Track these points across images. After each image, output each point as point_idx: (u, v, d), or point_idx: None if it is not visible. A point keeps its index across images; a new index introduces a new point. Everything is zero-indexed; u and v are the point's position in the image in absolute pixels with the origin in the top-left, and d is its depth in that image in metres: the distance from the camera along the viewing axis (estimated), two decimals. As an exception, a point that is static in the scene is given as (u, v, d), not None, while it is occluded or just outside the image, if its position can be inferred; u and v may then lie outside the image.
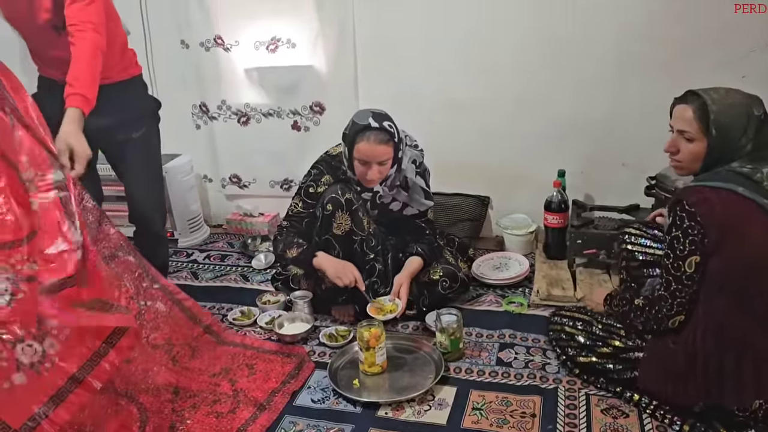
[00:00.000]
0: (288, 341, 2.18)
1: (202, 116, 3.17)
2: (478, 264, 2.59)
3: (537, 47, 2.62)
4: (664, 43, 2.46)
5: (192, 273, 2.82)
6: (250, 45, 2.95)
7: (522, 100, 2.71)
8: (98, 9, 1.91)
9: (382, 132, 2.07)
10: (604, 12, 2.50)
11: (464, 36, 2.69)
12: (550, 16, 2.57)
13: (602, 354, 1.79)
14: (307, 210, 2.27)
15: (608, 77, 2.58)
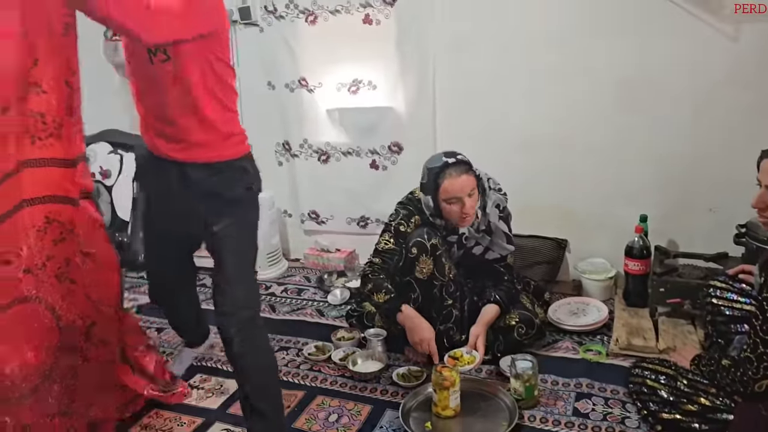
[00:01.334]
0: (361, 379, 2.20)
1: (284, 154, 3.29)
2: (555, 309, 2.54)
3: (615, 89, 2.60)
4: (749, 87, 2.38)
5: (270, 306, 2.91)
6: (333, 86, 3.06)
7: (600, 142, 2.68)
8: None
9: (460, 164, 2.12)
10: (683, 54, 2.45)
11: (541, 79, 2.70)
12: (626, 57, 2.54)
13: (687, 412, 1.71)
14: (398, 247, 2.30)
15: (689, 120, 2.52)
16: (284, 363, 2.37)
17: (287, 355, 2.43)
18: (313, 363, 2.35)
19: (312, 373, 2.29)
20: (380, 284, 2.29)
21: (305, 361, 2.37)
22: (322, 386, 2.20)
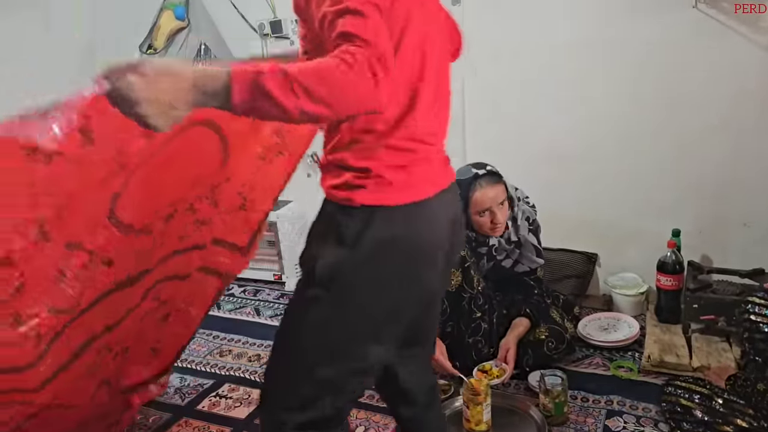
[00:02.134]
0: (388, 392, 2.19)
1: (313, 165, 3.31)
2: (585, 324, 2.50)
3: (644, 102, 2.56)
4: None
5: (297, 316, 2.91)
6: (362, 99, 3.08)
7: (632, 154, 2.64)
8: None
9: (489, 175, 2.12)
10: (716, 64, 2.41)
11: (571, 89, 2.68)
12: (659, 68, 2.51)
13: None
14: None
15: (723, 132, 2.47)
16: (311, 374, 2.37)
17: (314, 366, 2.43)
18: (340, 374, 2.35)
19: (339, 384, 2.29)
20: None
21: (332, 373, 2.37)
22: (349, 398, 2.20)
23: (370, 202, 1.15)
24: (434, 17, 1.28)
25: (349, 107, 0.98)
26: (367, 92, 0.96)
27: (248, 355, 2.57)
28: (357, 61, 0.95)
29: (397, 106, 1.16)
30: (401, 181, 1.17)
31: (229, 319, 2.94)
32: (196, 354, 2.60)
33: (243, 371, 2.43)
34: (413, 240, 1.19)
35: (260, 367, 2.44)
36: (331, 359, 1.21)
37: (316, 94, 0.94)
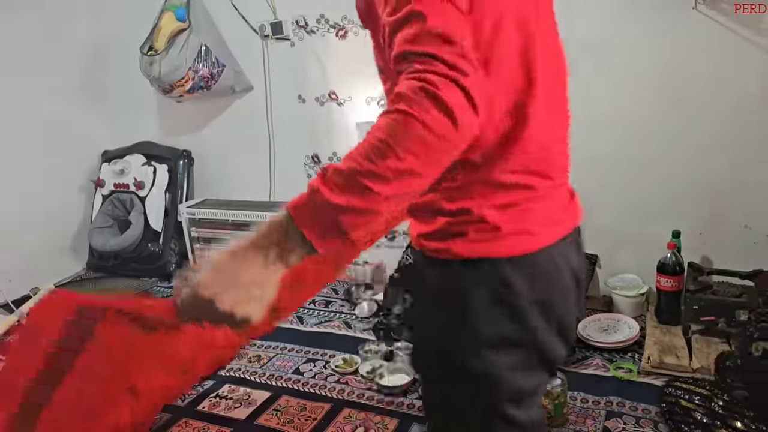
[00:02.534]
0: (388, 392, 2.20)
1: (314, 167, 3.32)
2: (584, 325, 2.51)
3: (644, 103, 2.56)
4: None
5: (298, 317, 2.92)
6: (362, 100, 3.09)
7: (631, 156, 2.64)
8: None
9: None
10: (717, 67, 2.41)
11: (571, 93, 2.67)
12: (660, 72, 2.51)
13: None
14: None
15: (723, 134, 2.47)
16: (311, 375, 2.38)
17: (314, 367, 2.44)
18: (341, 375, 2.36)
19: (339, 385, 2.30)
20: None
21: (332, 374, 2.38)
22: (349, 399, 2.20)
23: (471, 255, 0.90)
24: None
25: (434, 166, 0.76)
26: (446, 136, 0.73)
27: (248, 356, 2.57)
28: (417, 99, 0.72)
29: (495, 129, 0.88)
30: (511, 225, 0.91)
31: (230, 320, 2.94)
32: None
33: (243, 372, 2.43)
34: (529, 302, 0.92)
35: (260, 368, 2.45)
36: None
37: (384, 175, 0.73)
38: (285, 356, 2.55)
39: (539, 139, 0.92)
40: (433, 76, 0.73)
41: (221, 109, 3.50)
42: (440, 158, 0.76)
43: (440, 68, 0.73)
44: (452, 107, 0.72)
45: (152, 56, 3.18)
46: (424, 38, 0.75)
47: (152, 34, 3.23)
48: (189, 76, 3.18)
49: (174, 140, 3.66)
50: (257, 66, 3.28)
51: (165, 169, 3.57)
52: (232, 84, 3.31)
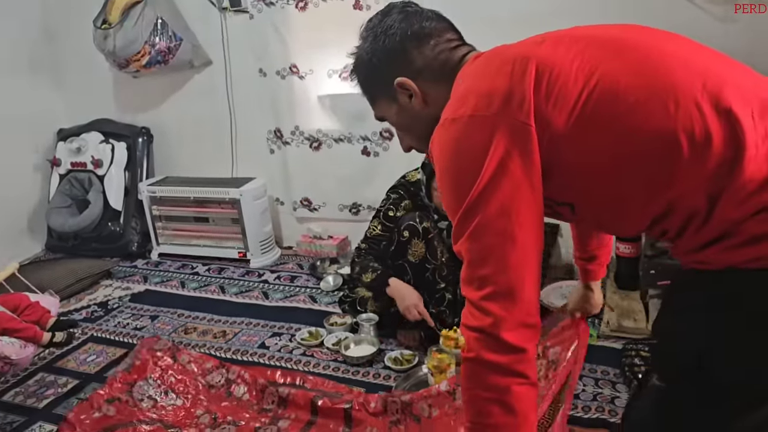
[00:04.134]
0: (353, 363, 2.21)
1: (276, 141, 3.28)
2: (547, 292, 2.55)
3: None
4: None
5: (263, 293, 2.91)
6: (324, 73, 3.05)
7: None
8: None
9: None
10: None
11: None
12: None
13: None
14: (385, 233, 2.33)
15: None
16: (277, 349, 2.38)
17: (280, 341, 2.43)
18: (306, 348, 2.36)
19: (305, 358, 2.30)
20: (366, 264, 2.32)
21: (298, 347, 2.38)
22: (315, 370, 2.21)
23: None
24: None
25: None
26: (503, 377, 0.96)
27: (213, 332, 2.55)
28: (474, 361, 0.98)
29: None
30: None
31: (194, 297, 2.92)
32: (161, 332, 2.57)
33: (208, 348, 2.41)
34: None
35: (225, 344, 2.44)
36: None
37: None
38: (250, 331, 2.54)
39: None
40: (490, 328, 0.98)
41: (180, 84, 3.42)
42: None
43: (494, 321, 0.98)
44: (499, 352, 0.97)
45: (106, 30, 3.10)
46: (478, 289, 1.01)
47: (105, 7, 3.14)
48: (145, 50, 3.10)
49: (132, 117, 3.58)
50: (216, 39, 3.21)
51: (124, 147, 3.50)
52: (191, 58, 3.24)
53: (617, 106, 0.91)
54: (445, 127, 1.00)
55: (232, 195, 3.16)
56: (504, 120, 0.93)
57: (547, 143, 0.94)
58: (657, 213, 0.95)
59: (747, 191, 0.86)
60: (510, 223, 0.95)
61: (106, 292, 3.04)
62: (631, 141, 0.91)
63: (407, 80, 1.10)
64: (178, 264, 3.35)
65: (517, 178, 0.94)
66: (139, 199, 3.44)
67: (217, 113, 3.35)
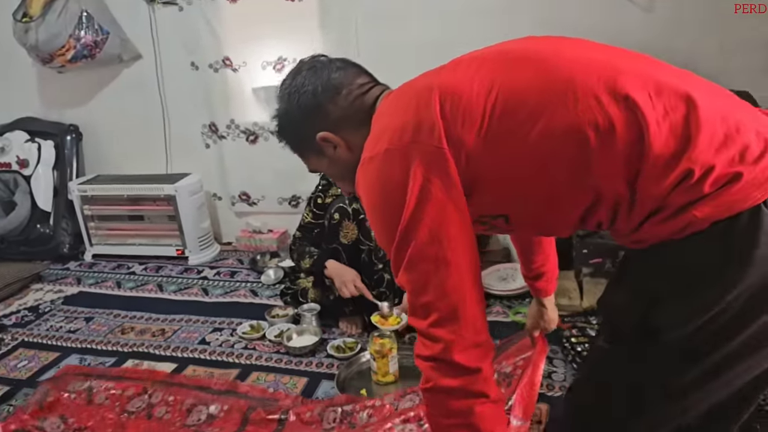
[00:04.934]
0: (296, 353, 2.20)
1: (211, 135, 3.23)
2: (485, 275, 2.60)
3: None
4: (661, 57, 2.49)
5: (202, 289, 2.86)
6: (258, 65, 3.02)
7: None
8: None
9: None
10: (596, 23, 2.54)
11: (467, 48, 2.72)
12: (545, 26, 2.60)
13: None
14: (316, 220, 2.33)
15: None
16: (218, 344, 2.34)
17: (221, 336, 2.40)
18: (248, 341, 2.34)
19: (247, 351, 2.28)
20: (303, 251, 2.34)
21: (240, 341, 2.35)
22: (257, 363, 2.19)
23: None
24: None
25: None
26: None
27: (152, 330, 2.49)
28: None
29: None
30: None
31: (130, 297, 2.84)
32: (96, 334, 2.49)
33: (147, 347, 2.35)
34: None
35: (164, 341, 2.38)
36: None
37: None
38: (190, 328, 2.50)
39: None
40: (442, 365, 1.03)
41: (109, 79, 3.32)
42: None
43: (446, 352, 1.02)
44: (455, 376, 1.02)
45: (27, 23, 2.97)
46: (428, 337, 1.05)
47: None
48: (70, 44, 3.00)
49: (59, 114, 3.45)
50: (145, 33, 3.13)
51: (51, 146, 3.37)
52: (119, 52, 3.15)
53: (520, 113, 0.95)
54: (365, 166, 1.04)
55: (167, 191, 3.09)
56: (418, 148, 0.97)
57: (466, 162, 0.98)
58: (586, 205, 0.98)
59: (660, 167, 0.90)
60: (441, 248, 0.98)
61: (36, 296, 2.92)
62: (542, 143, 0.95)
63: (328, 134, 1.15)
64: (114, 264, 3.25)
65: (441, 202, 0.97)
66: (69, 200, 3.33)
67: (149, 108, 3.27)
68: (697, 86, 0.96)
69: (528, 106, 0.95)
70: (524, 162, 0.97)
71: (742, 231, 0.88)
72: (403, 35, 2.79)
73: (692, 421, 1.01)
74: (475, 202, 1.02)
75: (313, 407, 1.82)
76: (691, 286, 0.92)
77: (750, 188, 0.88)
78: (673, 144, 0.90)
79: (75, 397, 1.97)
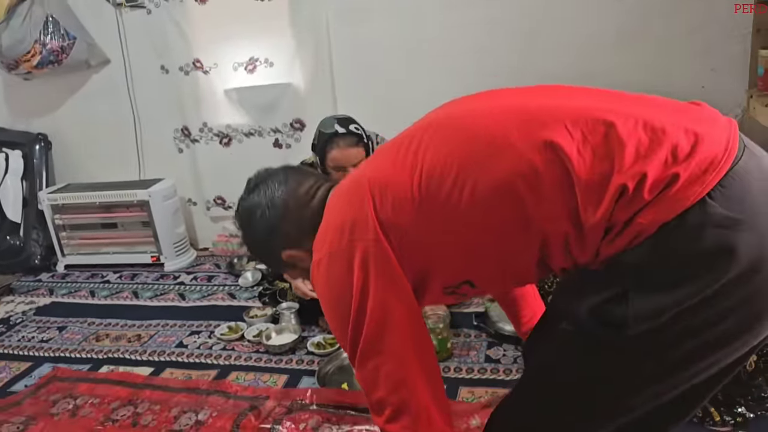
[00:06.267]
0: (276, 352, 2.17)
1: (184, 140, 3.19)
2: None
3: (506, 53, 2.67)
4: (636, 43, 2.52)
5: (179, 294, 2.80)
6: (229, 66, 2.99)
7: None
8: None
9: (350, 136, 2.08)
10: (568, 9, 2.56)
11: (439, 48, 2.73)
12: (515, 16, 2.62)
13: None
14: None
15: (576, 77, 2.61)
16: (196, 346, 2.29)
17: (198, 339, 2.35)
18: (226, 343, 2.29)
19: (225, 352, 2.23)
20: None
21: (218, 342, 2.31)
22: (237, 363, 2.15)
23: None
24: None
25: None
26: None
27: (127, 336, 2.43)
28: None
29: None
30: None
31: (105, 306, 2.78)
32: (70, 342, 2.43)
33: (122, 352, 2.30)
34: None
35: (140, 346, 2.33)
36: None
37: None
38: (167, 332, 2.44)
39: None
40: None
41: (77, 85, 3.27)
42: None
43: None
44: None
45: (-9, 27, 2.91)
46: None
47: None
48: (35, 49, 2.95)
49: (26, 123, 3.38)
50: (112, 37, 3.08)
51: (19, 155, 3.30)
52: (87, 57, 3.10)
53: (445, 184, 0.97)
54: (315, 269, 1.07)
55: (141, 197, 3.03)
56: (356, 246, 1.00)
57: (409, 243, 1.00)
58: (537, 250, 0.97)
59: (594, 191, 0.90)
60: (387, 343, 1.01)
61: (7, 308, 2.84)
62: (475, 205, 0.96)
63: (291, 252, 1.19)
64: (87, 274, 3.18)
65: (380, 297, 1.00)
66: (39, 210, 3.25)
67: (120, 114, 3.22)
68: (619, 102, 0.97)
69: (452, 174, 0.96)
70: (463, 228, 0.98)
71: (690, 228, 0.87)
72: (374, 31, 2.78)
73: (640, 416, 1.00)
74: (434, 277, 1.04)
75: (308, 419, 1.76)
76: (650, 287, 0.91)
77: (689, 185, 0.87)
78: (599, 166, 0.90)
79: (59, 417, 1.91)
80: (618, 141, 0.89)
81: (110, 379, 2.10)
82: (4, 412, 1.93)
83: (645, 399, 0.98)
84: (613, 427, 1.02)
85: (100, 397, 1.99)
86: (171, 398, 1.94)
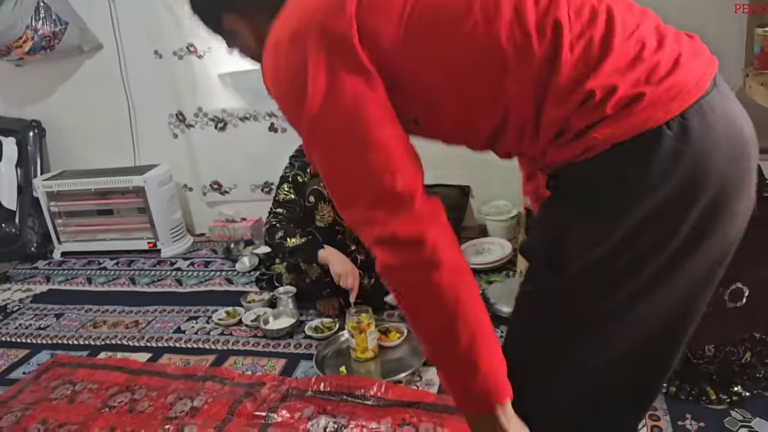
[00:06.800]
0: (274, 336, 2.17)
1: (179, 125, 3.17)
2: (462, 249, 2.58)
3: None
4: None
5: (176, 280, 2.80)
6: (223, 51, 2.93)
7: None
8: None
9: None
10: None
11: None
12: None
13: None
14: (298, 197, 2.23)
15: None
16: (194, 332, 2.30)
17: (196, 324, 2.35)
18: (224, 328, 2.29)
19: (223, 337, 2.23)
20: (292, 230, 2.16)
21: (215, 327, 2.31)
22: (234, 348, 2.15)
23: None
24: None
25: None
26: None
27: (125, 323, 2.44)
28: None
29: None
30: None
31: (102, 292, 2.78)
32: (67, 329, 2.43)
33: (120, 339, 2.30)
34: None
35: (138, 333, 2.33)
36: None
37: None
38: (165, 318, 2.44)
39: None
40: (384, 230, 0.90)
41: (70, 71, 3.24)
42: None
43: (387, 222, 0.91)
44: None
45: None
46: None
47: (-23, -9, 2.92)
48: (27, 35, 2.91)
49: (20, 110, 3.36)
50: (105, 22, 3.05)
51: (13, 143, 3.28)
52: (79, 43, 3.07)
53: (443, 15, 0.89)
54: (268, 52, 0.92)
55: (136, 183, 3.02)
56: (325, 33, 0.87)
57: (383, 55, 0.89)
58: (495, 123, 0.93)
59: (566, 89, 0.86)
60: (360, 131, 0.89)
61: (4, 296, 2.84)
62: (462, 50, 0.89)
63: (233, 18, 1.04)
64: (84, 261, 3.18)
65: (352, 89, 0.88)
66: (35, 197, 3.24)
67: (114, 100, 3.19)
68: (621, 4, 0.92)
69: (452, 10, 0.89)
70: (441, 65, 0.91)
71: (640, 154, 0.83)
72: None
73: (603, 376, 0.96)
74: (390, 98, 0.92)
75: (303, 407, 1.75)
76: (590, 213, 0.88)
77: (652, 108, 0.83)
78: (581, 67, 0.86)
79: (57, 402, 1.92)
80: (607, 47, 0.86)
81: (109, 365, 2.10)
82: (6, 405, 1.93)
83: (598, 347, 0.94)
84: (574, 384, 0.98)
85: (98, 383, 1.99)
86: (168, 385, 1.94)
